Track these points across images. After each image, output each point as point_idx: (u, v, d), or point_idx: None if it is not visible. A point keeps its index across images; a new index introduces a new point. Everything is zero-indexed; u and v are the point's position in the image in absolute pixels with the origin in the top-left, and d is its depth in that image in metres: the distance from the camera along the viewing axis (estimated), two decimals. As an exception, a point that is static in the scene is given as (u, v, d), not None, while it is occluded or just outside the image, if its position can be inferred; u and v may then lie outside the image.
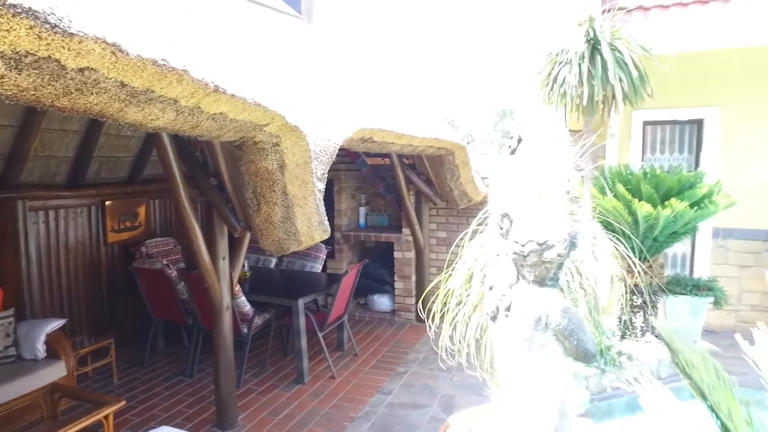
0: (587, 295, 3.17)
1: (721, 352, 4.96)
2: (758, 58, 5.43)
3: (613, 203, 4.40)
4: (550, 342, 1.71)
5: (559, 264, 1.73)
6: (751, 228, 5.57)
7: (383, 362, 5.28)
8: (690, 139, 5.98)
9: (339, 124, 3.78)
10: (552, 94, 4.65)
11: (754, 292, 5.62)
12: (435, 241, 6.62)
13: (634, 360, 4.43)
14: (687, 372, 1.22)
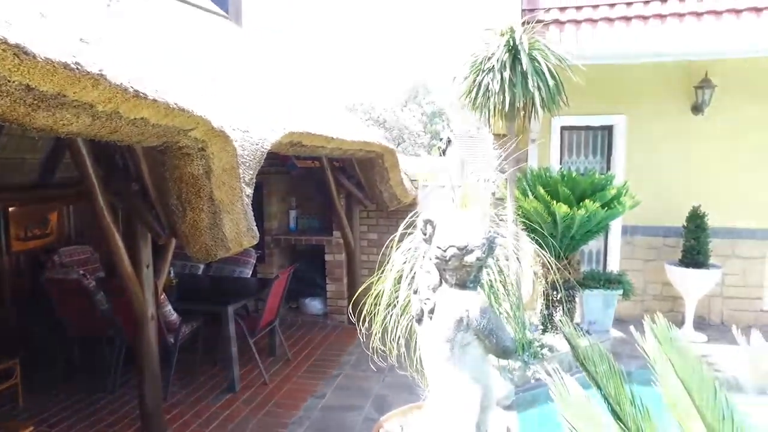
0: (510, 293, 3.35)
1: (628, 339, 5.39)
2: (656, 72, 5.95)
3: (534, 204, 4.67)
4: (472, 341, 1.81)
5: (479, 267, 1.83)
6: (652, 225, 6.10)
7: (316, 366, 5.28)
8: (602, 144, 6.44)
9: (268, 128, 3.74)
10: (476, 100, 4.85)
11: (656, 283, 6.15)
12: (366, 243, 6.69)
13: (555, 351, 4.72)
14: (584, 364, 1.35)
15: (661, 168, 6.13)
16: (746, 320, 6.18)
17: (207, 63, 4.19)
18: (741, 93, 5.91)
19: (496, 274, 2.94)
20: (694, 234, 5.59)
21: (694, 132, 6.05)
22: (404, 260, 2.78)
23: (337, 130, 4.72)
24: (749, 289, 6.13)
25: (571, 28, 5.73)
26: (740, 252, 6.07)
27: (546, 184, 4.85)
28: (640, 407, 1.29)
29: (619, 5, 5.70)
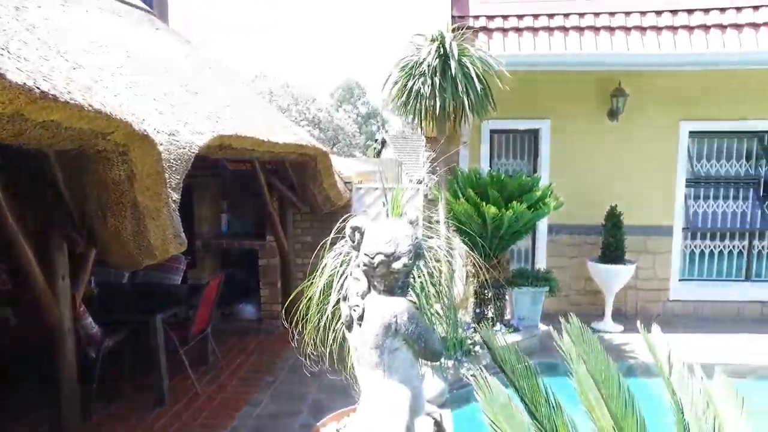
0: (442, 294, 3.43)
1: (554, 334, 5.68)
2: (577, 80, 6.32)
3: (464, 206, 4.81)
4: (400, 346, 1.84)
5: (406, 273, 1.87)
6: (575, 224, 6.47)
7: (251, 373, 5.16)
8: (529, 147, 6.75)
9: (195, 131, 3.62)
10: (408, 104, 4.93)
11: (580, 279, 6.53)
12: (301, 246, 6.62)
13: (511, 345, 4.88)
14: (502, 366, 1.42)
15: (582, 170, 6.51)
16: (656, 310, 6.69)
17: (129, 61, 3.99)
18: (650, 102, 6.40)
19: (427, 276, 3.01)
20: (611, 232, 5.98)
21: (610, 137, 6.48)
22: (335, 265, 2.78)
23: (269, 132, 4.64)
24: (658, 281, 6.65)
25: (499, 36, 5.97)
26: (651, 247, 6.57)
27: (476, 186, 5.02)
28: (554, 404, 1.38)
29: (542, 16, 6.00)
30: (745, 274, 6.86)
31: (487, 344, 1.54)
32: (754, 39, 5.76)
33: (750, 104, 6.45)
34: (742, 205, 6.79)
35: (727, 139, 6.72)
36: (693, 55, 5.76)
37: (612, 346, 5.62)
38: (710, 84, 6.35)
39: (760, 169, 6.77)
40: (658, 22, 5.85)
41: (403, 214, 3.32)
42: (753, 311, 6.68)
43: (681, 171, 6.59)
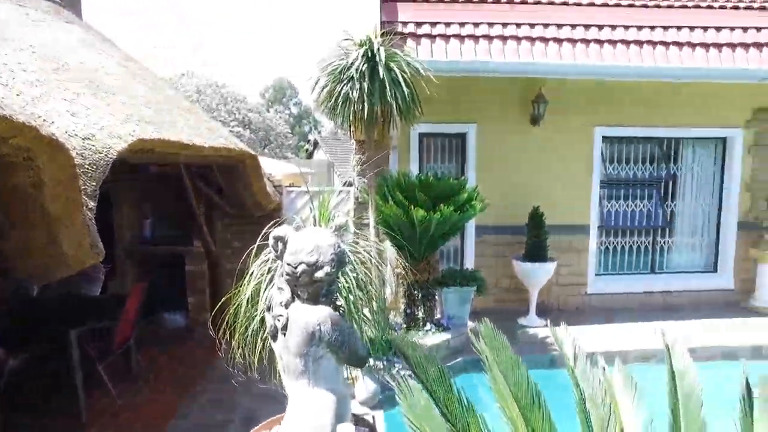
0: (372, 296, 3.48)
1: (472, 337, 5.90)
2: (501, 86, 6.60)
3: (393, 209, 4.89)
4: (325, 354, 1.86)
5: (330, 282, 1.89)
6: (501, 224, 6.75)
7: (179, 383, 4.98)
8: (457, 150, 6.96)
9: (113, 135, 3.44)
10: (337, 108, 4.95)
11: (506, 277, 6.82)
12: (230, 252, 6.45)
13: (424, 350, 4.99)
14: (416, 371, 1.49)
15: (507, 172, 6.81)
16: (576, 303, 7.13)
17: (33, 57, 3.73)
18: (567, 108, 6.80)
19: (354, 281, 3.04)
20: (534, 232, 6.29)
21: (533, 140, 6.82)
22: (262, 272, 2.75)
23: (194, 135, 4.50)
24: (577, 276, 7.09)
25: (427, 42, 6.11)
26: (570, 245, 6.99)
27: (404, 189, 5.11)
28: (466, 405, 1.46)
29: (468, 24, 6.20)
30: (651, 267, 7.47)
31: (401, 351, 1.60)
32: (663, 55, 6.28)
33: (655, 113, 7.03)
34: (648, 205, 7.38)
35: (635, 144, 7.27)
36: (605, 66, 6.18)
37: (537, 340, 5.92)
38: (621, 93, 6.84)
39: (662, 172, 7.39)
40: (573, 34, 6.24)
41: (331, 219, 3.34)
42: (657, 300, 7.29)
43: (596, 173, 7.05)
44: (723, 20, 6.62)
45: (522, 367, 1.57)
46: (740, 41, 6.45)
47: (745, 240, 7.33)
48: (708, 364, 5.53)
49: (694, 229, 7.62)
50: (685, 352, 1.68)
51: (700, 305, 7.25)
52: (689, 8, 6.78)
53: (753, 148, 7.31)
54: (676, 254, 7.61)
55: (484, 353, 1.63)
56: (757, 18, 6.75)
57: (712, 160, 7.50)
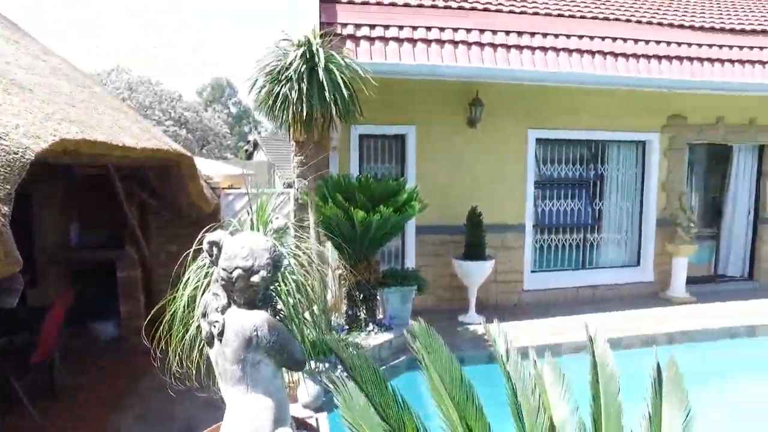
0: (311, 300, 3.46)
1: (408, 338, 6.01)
2: (440, 89, 6.75)
3: (334, 211, 4.89)
4: (263, 359, 1.84)
5: (266, 286, 1.87)
6: (440, 224, 6.90)
7: (111, 397, 4.73)
8: (396, 152, 7.05)
9: (31, 135, 3.22)
10: (276, 109, 4.89)
11: (446, 276, 6.97)
12: (166, 256, 6.20)
13: (360, 349, 5.01)
14: (351, 373, 1.51)
15: (445, 173, 6.97)
16: (513, 300, 7.40)
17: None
18: (503, 111, 7.06)
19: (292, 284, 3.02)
20: (472, 231, 6.48)
21: (470, 142, 7.02)
22: (198, 278, 2.68)
23: (124, 135, 4.29)
24: (514, 274, 7.36)
25: (366, 44, 6.14)
26: (507, 243, 7.25)
27: (344, 190, 5.12)
28: (401, 404, 1.50)
29: (407, 28, 6.30)
30: (581, 263, 7.89)
31: (336, 353, 1.61)
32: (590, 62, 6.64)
33: (584, 117, 7.43)
34: (578, 204, 7.79)
35: (566, 146, 7.66)
36: (537, 72, 6.47)
37: (476, 337, 6.09)
38: (553, 97, 7.18)
39: (591, 172, 7.82)
40: (508, 40, 6.48)
41: (270, 222, 3.30)
42: (586, 294, 7.70)
43: (530, 174, 7.36)
44: (640, 34, 7.11)
45: (456, 363, 1.63)
46: (654, 53, 6.95)
47: (662, 236, 7.89)
48: (630, 352, 5.92)
49: (619, 226, 8.12)
50: (605, 343, 1.80)
51: (625, 297, 7.74)
52: (610, 20, 7.23)
53: (668, 151, 7.90)
54: (603, 250, 8.07)
55: (419, 352, 1.67)
56: (668, 33, 7.30)
57: (634, 161, 8.02)
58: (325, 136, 5.61)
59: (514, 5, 7.03)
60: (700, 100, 7.71)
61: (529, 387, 1.70)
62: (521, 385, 1.72)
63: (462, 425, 1.51)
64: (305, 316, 3.16)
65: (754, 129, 8.31)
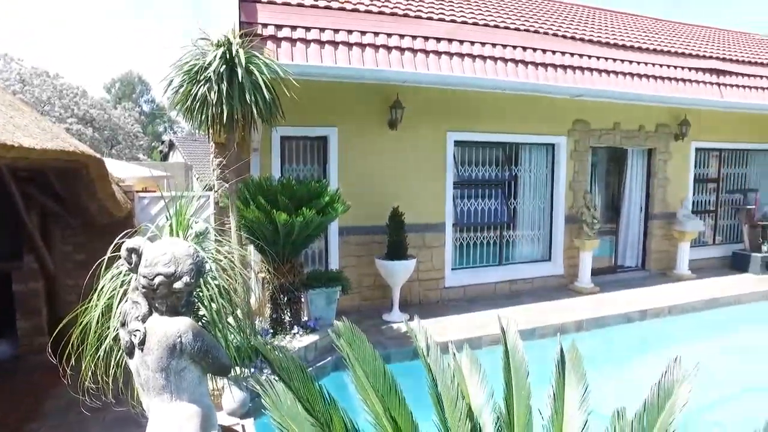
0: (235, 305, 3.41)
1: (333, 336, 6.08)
2: (361, 91, 6.85)
3: (256, 214, 4.82)
4: (187, 366, 1.81)
5: (190, 292, 1.85)
6: (363, 225, 7.01)
7: (13, 422, 4.35)
8: (319, 153, 7.06)
9: None
10: (194, 110, 4.74)
11: (370, 276, 7.09)
12: (72, 266, 5.79)
13: (286, 352, 4.99)
14: (280, 375, 1.54)
15: (368, 175, 7.08)
16: (435, 297, 7.66)
17: None
18: (423, 114, 7.29)
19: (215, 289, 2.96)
20: (394, 231, 6.64)
21: (391, 144, 7.18)
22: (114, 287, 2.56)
23: (20, 135, 3.97)
24: (435, 272, 7.62)
25: (287, 45, 6.09)
26: (428, 242, 7.49)
27: (266, 192, 5.07)
28: (329, 401, 1.55)
29: (329, 30, 6.32)
30: (498, 259, 8.32)
31: (262, 354, 1.64)
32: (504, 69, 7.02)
33: (500, 120, 7.85)
34: (495, 203, 8.20)
35: (483, 148, 8.05)
36: (456, 77, 6.74)
37: (400, 334, 6.25)
38: (470, 102, 7.52)
39: (506, 173, 8.28)
40: (427, 46, 6.70)
41: (190, 226, 3.21)
42: (504, 289, 8.14)
43: (449, 174, 7.65)
44: (550, 45, 7.62)
45: (378, 358, 1.70)
46: (561, 63, 7.50)
47: (570, 232, 8.51)
48: (544, 341, 6.36)
49: (532, 223, 8.66)
50: (515, 333, 1.96)
51: (539, 290, 8.27)
52: (520, 31, 7.69)
53: (573, 153, 8.54)
54: (518, 246, 8.57)
55: (344, 350, 1.73)
56: (575, 46, 7.90)
57: (544, 163, 8.59)
58: (245, 138, 5.51)
59: (432, 12, 7.28)
60: (600, 107, 8.41)
61: (448, 377, 1.82)
62: (441, 375, 1.83)
63: (386, 415, 1.59)
64: (229, 321, 3.11)
65: (643, 135, 9.20)
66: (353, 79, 6.42)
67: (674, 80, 8.44)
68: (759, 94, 9.29)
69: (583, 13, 10.16)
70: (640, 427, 1.61)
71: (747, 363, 6.36)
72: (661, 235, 9.59)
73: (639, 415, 1.65)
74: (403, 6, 7.23)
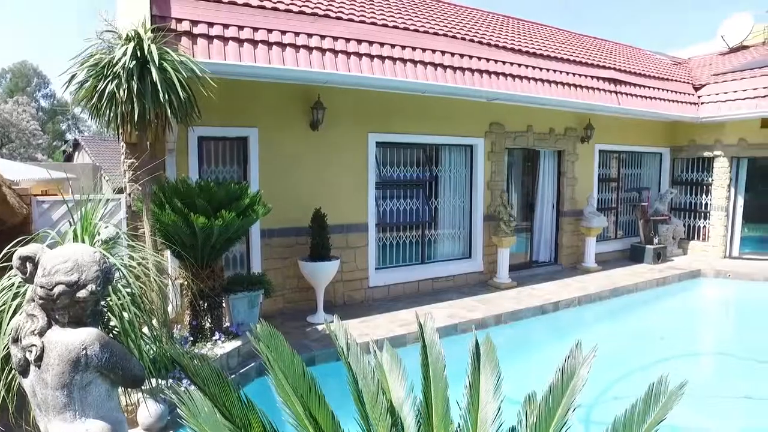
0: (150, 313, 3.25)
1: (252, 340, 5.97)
2: (283, 91, 6.76)
3: (172, 217, 4.61)
4: (93, 379, 1.71)
5: (96, 301, 1.74)
6: (286, 227, 6.91)
7: None
8: (239, 154, 6.87)
9: None
10: (101, 107, 4.45)
11: (293, 278, 7.00)
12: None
13: (207, 360, 4.81)
14: (194, 380, 1.51)
15: (290, 176, 6.99)
16: (360, 297, 7.71)
17: None
18: (344, 115, 7.31)
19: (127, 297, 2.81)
20: (317, 232, 6.61)
21: (313, 145, 7.14)
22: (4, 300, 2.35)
23: None
24: (359, 272, 7.68)
25: (204, 42, 5.88)
26: (351, 243, 7.53)
27: (183, 195, 4.86)
28: (246, 404, 1.53)
29: (247, 29, 6.16)
30: (421, 258, 8.53)
31: (177, 361, 1.59)
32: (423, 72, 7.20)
33: (420, 122, 8.04)
34: (416, 203, 8.40)
35: (404, 149, 8.21)
36: (376, 78, 6.83)
37: (325, 335, 6.22)
38: (391, 103, 7.65)
39: (426, 174, 8.51)
40: (348, 47, 6.73)
41: (98, 232, 3.02)
42: (427, 287, 8.36)
43: (371, 175, 7.74)
44: (465, 49, 7.93)
45: (298, 359, 1.71)
46: (478, 68, 7.82)
47: (488, 230, 8.90)
48: (466, 335, 6.60)
49: (453, 222, 8.96)
50: (432, 329, 2.03)
51: (460, 287, 8.57)
52: (440, 36, 7.93)
53: (490, 154, 8.95)
54: (440, 245, 8.83)
55: (263, 353, 1.71)
56: (492, 52, 8.28)
57: (463, 163, 8.92)
58: (160, 138, 5.26)
59: (353, 14, 7.32)
60: (514, 111, 8.88)
61: (369, 375, 1.86)
62: (362, 373, 1.86)
63: (306, 415, 1.60)
64: (143, 331, 2.95)
65: (553, 137, 9.83)
66: (273, 78, 6.32)
67: (579, 87, 9.09)
68: (648, 102, 10.27)
69: (498, 21, 10.67)
70: (547, 408, 1.74)
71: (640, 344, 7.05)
72: (571, 231, 10.28)
73: (545, 397, 1.78)
74: (324, 6, 7.21)
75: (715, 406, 5.18)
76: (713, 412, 5.06)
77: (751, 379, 5.95)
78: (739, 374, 6.22)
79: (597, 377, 1.88)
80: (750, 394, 5.48)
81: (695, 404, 4.28)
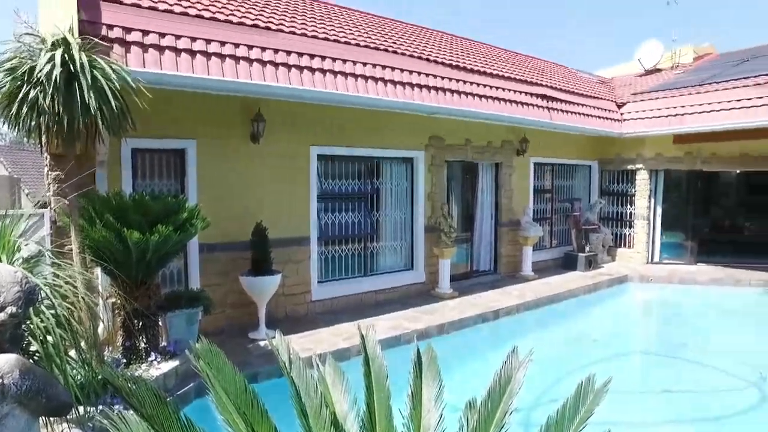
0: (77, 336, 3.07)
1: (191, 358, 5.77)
2: (222, 103, 6.62)
3: (103, 233, 4.38)
4: (11, 411, 1.59)
5: (16, 324, 1.63)
6: (227, 241, 6.72)
7: None
8: (176, 167, 6.63)
9: None
10: (21, 116, 4.18)
11: (235, 293, 6.81)
12: None
13: (143, 380, 4.57)
14: (129, 401, 1.45)
15: (230, 189, 6.84)
16: (302, 311, 7.62)
17: None
18: (285, 128, 7.26)
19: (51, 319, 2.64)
20: (258, 246, 6.48)
21: (254, 158, 7.03)
22: None
23: None
24: (302, 286, 7.59)
25: (138, 51, 5.65)
26: (293, 257, 7.44)
27: (116, 209, 4.63)
28: (185, 423, 1.49)
29: (185, 38, 5.99)
30: (364, 270, 8.55)
31: (110, 382, 1.52)
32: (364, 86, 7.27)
33: (361, 135, 8.11)
34: (359, 216, 8.43)
35: (345, 162, 8.24)
36: (316, 92, 6.82)
37: (267, 351, 6.08)
38: (333, 116, 7.67)
39: (368, 186, 8.57)
40: (289, 60, 6.69)
41: (17, 250, 2.83)
42: (371, 299, 8.38)
43: (313, 188, 7.70)
44: (405, 64, 8.09)
45: (239, 375, 1.67)
46: (417, 83, 8.01)
47: (430, 241, 9.06)
48: (410, 345, 6.65)
49: (395, 234, 9.06)
50: (374, 341, 2.05)
51: (403, 298, 8.64)
52: (381, 51, 8.06)
53: (431, 167, 9.15)
54: (382, 257, 8.89)
55: (204, 371, 1.67)
56: (430, 67, 8.50)
57: (404, 176, 9.06)
58: (89, 149, 5.00)
59: (294, 27, 7.31)
60: (453, 124, 9.14)
61: (312, 389, 1.85)
62: (305, 388, 1.85)
63: (248, 430, 1.57)
64: (70, 355, 2.78)
65: (491, 150, 10.19)
66: (212, 89, 6.18)
67: (514, 103, 9.49)
68: (578, 118, 10.89)
69: (438, 37, 10.99)
70: (486, 412, 1.80)
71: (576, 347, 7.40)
72: (509, 240, 10.66)
73: (485, 402, 1.83)
74: (265, 18, 7.16)
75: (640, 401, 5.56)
76: (638, 407, 5.43)
77: (670, 374, 6.46)
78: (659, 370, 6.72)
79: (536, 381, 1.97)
80: (669, 388, 5.94)
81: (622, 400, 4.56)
